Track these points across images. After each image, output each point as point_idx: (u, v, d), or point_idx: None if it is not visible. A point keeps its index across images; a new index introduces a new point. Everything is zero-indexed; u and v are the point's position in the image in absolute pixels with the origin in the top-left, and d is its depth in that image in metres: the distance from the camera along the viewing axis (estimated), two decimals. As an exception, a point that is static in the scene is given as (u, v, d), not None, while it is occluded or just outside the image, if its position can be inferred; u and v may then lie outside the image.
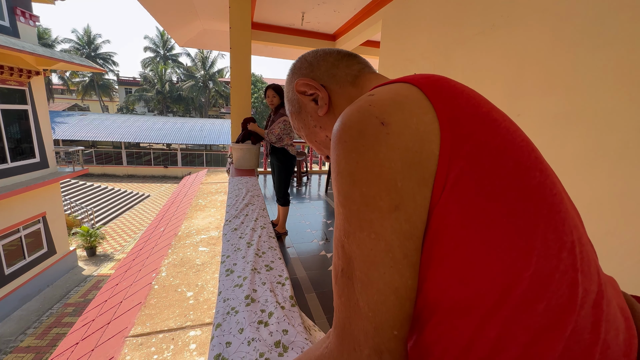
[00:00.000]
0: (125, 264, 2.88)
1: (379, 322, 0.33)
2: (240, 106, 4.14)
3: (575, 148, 1.49)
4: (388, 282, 0.33)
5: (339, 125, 0.37)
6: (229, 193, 2.65)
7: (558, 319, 0.30)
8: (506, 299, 0.30)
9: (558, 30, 1.59)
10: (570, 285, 0.30)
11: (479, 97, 0.38)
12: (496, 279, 0.30)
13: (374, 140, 0.33)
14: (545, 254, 0.30)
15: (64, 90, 30.12)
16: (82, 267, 9.78)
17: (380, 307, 0.33)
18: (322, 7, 4.15)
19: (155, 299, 1.74)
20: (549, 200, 0.32)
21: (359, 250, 0.34)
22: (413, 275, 0.33)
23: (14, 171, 7.35)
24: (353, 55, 0.55)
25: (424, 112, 0.34)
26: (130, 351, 1.36)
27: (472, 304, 0.31)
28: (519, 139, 0.35)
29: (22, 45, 6.70)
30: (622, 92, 1.31)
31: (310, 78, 0.53)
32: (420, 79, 0.38)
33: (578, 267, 0.31)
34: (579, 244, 0.32)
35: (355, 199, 0.34)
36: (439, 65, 2.57)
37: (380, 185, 0.32)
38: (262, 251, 1.50)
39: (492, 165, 0.32)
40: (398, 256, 0.32)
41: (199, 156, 22.10)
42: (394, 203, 0.32)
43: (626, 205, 1.28)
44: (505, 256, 0.30)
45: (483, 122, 0.34)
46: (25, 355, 6.19)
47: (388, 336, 0.33)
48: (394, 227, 0.32)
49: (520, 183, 0.32)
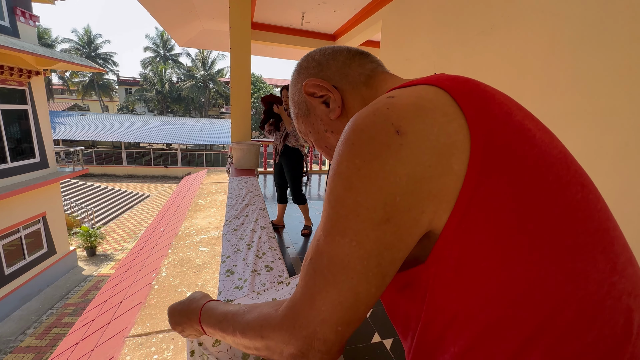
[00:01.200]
0: (125, 264, 2.88)
1: (328, 317, 0.33)
2: (240, 106, 4.14)
3: (575, 148, 1.48)
4: (352, 287, 0.32)
5: (350, 125, 0.34)
6: (229, 193, 2.65)
7: (610, 351, 0.27)
8: (550, 325, 0.27)
9: (558, 31, 1.59)
10: (625, 312, 0.28)
11: (510, 102, 0.35)
12: (539, 303, 0.28)
13: (384, 150, 0.30)
14: (595, 277, 0.28)
15: (64, 90, 30.12)
16: (82, 267, 9.78)
17: (336, 306, 0.32)
18: (322, 7, 4.15)
19: (155, 299, 1.74)
20: (595, 217, 0.30)
21: (334, 251, 0.33)
22: (379, 285, 0.32)
23: (14, 171, 7.34)
24: (365, 54, 0.51)
25: (449, 121, 0.31)
26: (130, 351, 1.36)
27: (510, 328, 0.28)
28: (556, 151, 0.32)
29: (22, 45, 6.70)
30: (621, 92, 1.31)
31: (320, 78, 0.48)
32: (447, 80, 0.35)
33: (631, 291, 0.29)
34: (630, 265, 0.30)
35: (347, 204, 0.32)
36: (439, 65, 2.57)
37: (378, 199, 0.30)
38: (262, 252, 1.50)
39: (531, 180, 0.29)
40: (371, 265, 0.31)
41: (199, 156, 22.10)
42: (386, 216, 0.30)
43: (626, 205, 1.28)
44: (550, 278, 0.28)
45: (518, 132, 0.31)
46: (25, 355, 6.19)
47: (330, 329, 0.33)
48: (379, 238, 0.31)
49: (562, 200, 0.29)
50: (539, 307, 0.28)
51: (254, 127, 24.58)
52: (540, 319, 0.27)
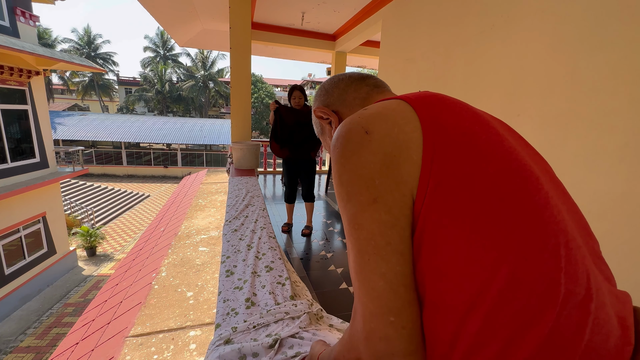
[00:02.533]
0: (125, 264, 2.88)
1: (374, 307, 0.35)
2: (240, 106, 4.14)
3: (575, 148, 1.49)
4: (374, 269, 0.36)
5: (335, 135, 0.43)
6: (229, 193, 2.65)
7: (536, 317, 0.30)
8: (485, 295, 0.32)
9: (558, 31, 1.59)
10: (550, 284, 0.31)
11: (468, 111, 0.42)
12: (474, 276, 0.32)
13: (358, 146, 0.39)
14: (524, 254, 0.32)
15: (64, 90, 30.11)
16: (82, 267, 9.78)
17: (371, 292, 0.35)
18: (322, 7, 4.15)
19: (155, 299, 1.74)
20: (531, 204, 0.34)
21: (349, 241, 0.39)
22: (401, 262, 0.35)
23: (14, 171, 7.34)
24: (362, 78, 0.60)
25: (406, 123, 0.39)
26: (130, 351, 1.36)
27: (453, 299, 0.33)
28: (501, 148, 0.38)
29: (22, 45, 6.70)
30: (621, 92, 1.31)
31: (324, 105, 0.61)
32: (413, 96, 0.43)
33: (562, 267, 0.32)
34: (566, 247, 0.33)
35: (343, 197, 0.40)
36: (439, 65, 2.57)
37: (361, 183, 0.37)
38: (262, 252, 1.50)
39: (472, 171, 0.35)
40: (381, 243, 0.36)
41: (199, 156, 22.10)
42: (372, 197, 0.37)
43: (626, 205, 1.28)
44: (484, 254, 0.32)
45: (464, 133, 0.38)
46: (25, 355, 6.19)
47: (384, 323, 0.34)
48: (373, 217, 0.36)
49: (500, 188, 0.35)
50: (475, 279, 0.32)
51: (254, 127, 24.58)
52: (476, 290, 0.32)
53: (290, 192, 3.13)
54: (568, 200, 0.43)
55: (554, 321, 0.30)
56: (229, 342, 0.88)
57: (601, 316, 0.32)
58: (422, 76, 2.82)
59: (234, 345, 0.85)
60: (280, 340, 0.85)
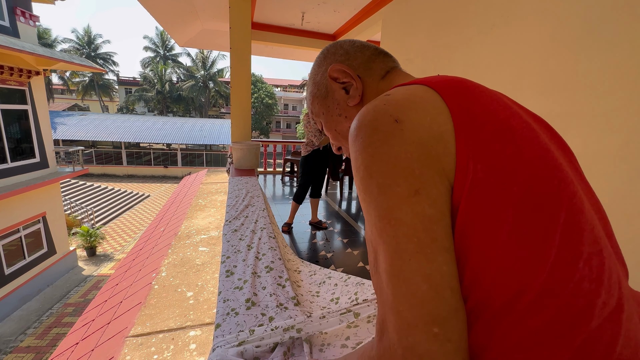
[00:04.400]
0: (125, 264, 2.88)
1: (412, 317, 0.29)
2: (240, 106, 4.14)
3: (575, 148, 1.48)
4: (416, 270, 0.30)
5: (355, 123, 0.38)
6: (229, 193, 2.65)
7: (568, 328, 0.29)
8: (515, 303, 0.30)
9: (558, 31, 1.59)
10: (585, 295, 0.30)
11: (500, 102, 0.38)
12: (508, 283, 0.30)
13: (388, 136, 0.34)
14: (560, 262, 0.30)
15: (64, 90, 30.12)
16: (82, 267, 9.78)
17: (410, 299, 0.30)
18: (322, 7, 4.14)
19: (155, 299, 1.74)
20: (567, 209, 0.32)
21: (381, 239, 0.33)
22: (448, 260, 0.31)
23: (14, 171, 7.34)
24: (388, 54, 0.55)
25: (439, 113, 0.35)
26: (130, 351, 1.36)
27: (485, 305, 0.31)
28: (538, 147, 0.35)
29: (22, 45, 6.70)
30: (621, 92, 1.31)
31: (346, 65, 0.52)
32: (439, 81, 0.39)
33: (595, 277, 0.30)
34: (598, 255, 0.32)
35: (372, 190, 0.34)
36: (439, 65, 2.57)
37: (397, 173, 0.33)
38: (262, 253, 1.50)
39: (505, 174, 0.32)
40: (425, 240, 0.31)
41: (199, 156, 22.10)
42: (413, 188, 0.32)
43: (626, 206, 1.28)
44: (518, 262, 0.30)
45: (498, 130, 0.34)
46: (25, 355, 6.19)
47: (426, 335, 0.29)
48: (415, 210, 0.31)
49: (534, 192, 0.32)
50: (509, 287, 0.30)
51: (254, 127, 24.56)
52: (508, 297, 0.30)
53: (305, 192, 3.18)
54: (593, 199, 0.41)
55: (585, 334, 0.29)
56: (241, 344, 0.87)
57: (631, 327, 0.31)
58: (422, 76, 2.82)
59: (239, 348, 0.85)
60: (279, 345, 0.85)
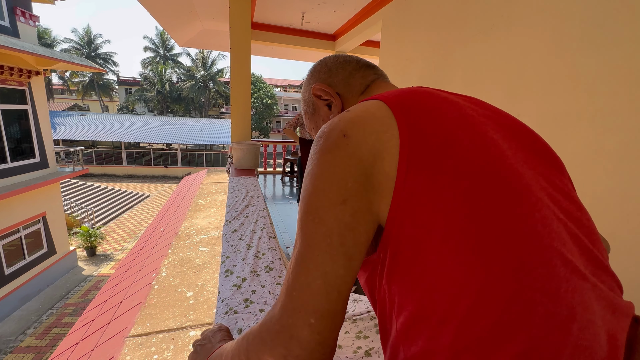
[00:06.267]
0: (125, 264, 2.88)
1: (299, 303, 0.34)
2: (240, 106, 4.14)
3: (575, 148, 1.49)
4: (318, 265, 0.34)
5: (319, 131, 0.42)
6: (229, 193, 2.65)
7: (508, 336, 0.30)
8: (455, 309, 0.31)
9: (558, 31, 1.59)
10: (525, 304, 0.30)
11: (453, 113, 0.40)
12: (446, 290, 0.32)
13: (334, 147, 0.38)
14: (498, 271, 0.31)
15: (64, 90, 30.12)
16: (82, 267, 9.78)
17: (304, 288, 0.34)
18: (322, 7, 4.14)
19: (155, 299, 1.74)
20: (511, 221, 0.33)
21: (302, 231, 0.37)
22: (346, 265, 0.35)
23: (14, 171, 7.34)
24: (371, 66, 0.57)
25: (384, 130, 0.38)
26: (130, 351, 1.36)
27: (431, 310, 0.32)
28: (485, 155, 0.36)
29: (22, 45, 6.70)
30: (622, 92, 1.31)
31: (326, 84, 0.56)
32: (394, 97, 0.41)
33: (538, 287, 0.31)
34: (547, 265, 0.32)
35: (308, 189, 0.38)
36: (439, 65, 2.57)
37: (332, 181, 0.37)
38: (262, 252, 1.50)
39: (446, 183, 0.34)
40: (335, 243, 0.35)
41: (199, 156, 22.11)
42: (342, 197, 0.36)
43: (626, 206, 1.28)
44: (455, 269, 0.32)
45: (442, 143, 0.36)
46: (25, 355, 6.19)
47: (302, 322, 0.33)
48: (337, 216, 0.35)
49: (476, 201, 0.33)
50: (447, 293, 0.32)
51: (254, 127, 24.56)
52: (447, 303, 0.32)
53: None
54: (570, 206, 0.40)
55: (528, 341, 0.29)
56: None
57: (585, 337, 0.31)
58: (422, 76, 2.82)
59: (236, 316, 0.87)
60: None
